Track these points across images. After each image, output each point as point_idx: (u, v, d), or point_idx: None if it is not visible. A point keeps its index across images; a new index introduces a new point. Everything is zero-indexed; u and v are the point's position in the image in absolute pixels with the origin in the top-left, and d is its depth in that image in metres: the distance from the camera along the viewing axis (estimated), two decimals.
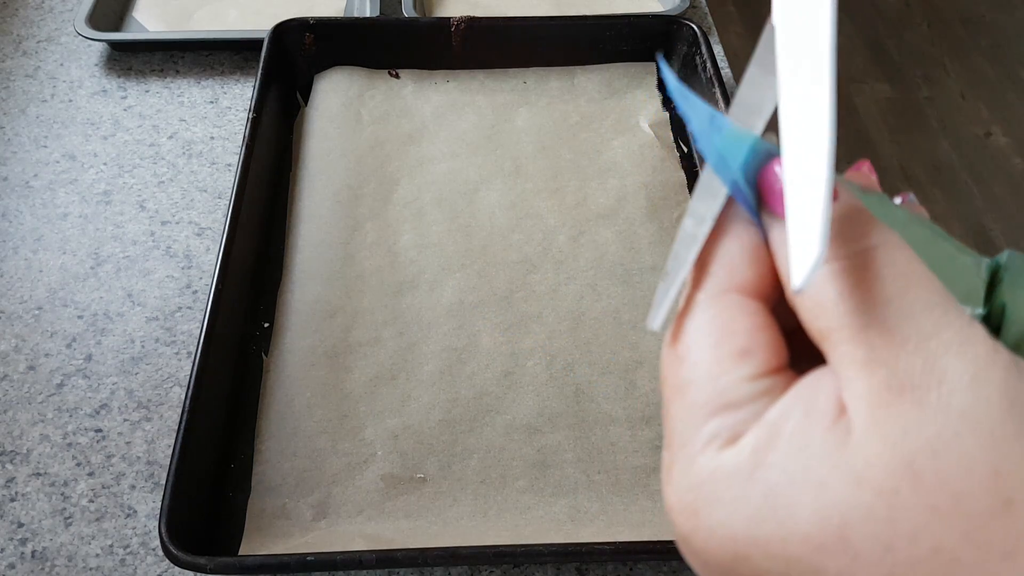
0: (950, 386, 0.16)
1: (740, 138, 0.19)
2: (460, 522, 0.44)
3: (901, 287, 0.17)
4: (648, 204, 0.59)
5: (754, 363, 0.18)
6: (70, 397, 0.50)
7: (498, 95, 0.67)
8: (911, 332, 0.17)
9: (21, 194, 0.61)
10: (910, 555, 0.16)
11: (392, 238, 0.57)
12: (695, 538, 0.18)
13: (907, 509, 0.16)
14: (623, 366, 0.50)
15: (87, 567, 0.43)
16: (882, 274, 0.18)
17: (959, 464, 0.16)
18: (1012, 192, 1.69)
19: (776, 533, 0.17)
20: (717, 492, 0.18)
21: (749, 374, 0.18)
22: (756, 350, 0.19)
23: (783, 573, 0.17)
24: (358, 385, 0.49)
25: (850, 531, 0.16)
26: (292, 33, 0.66)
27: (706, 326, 0.19)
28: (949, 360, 0.16)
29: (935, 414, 0.16)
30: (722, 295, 0.19)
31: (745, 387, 0.18)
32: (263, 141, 0.59)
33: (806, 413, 0.17)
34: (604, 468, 0.46)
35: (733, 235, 0.20)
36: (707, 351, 0.19)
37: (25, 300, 0.54)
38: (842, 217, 0.18)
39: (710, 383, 0.19)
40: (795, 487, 0.17)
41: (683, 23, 0.67)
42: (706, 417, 0.18)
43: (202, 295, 0.55)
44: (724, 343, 0.19)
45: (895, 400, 0.16)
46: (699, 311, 0.20)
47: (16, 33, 0.74)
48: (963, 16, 2.09)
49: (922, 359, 0.16)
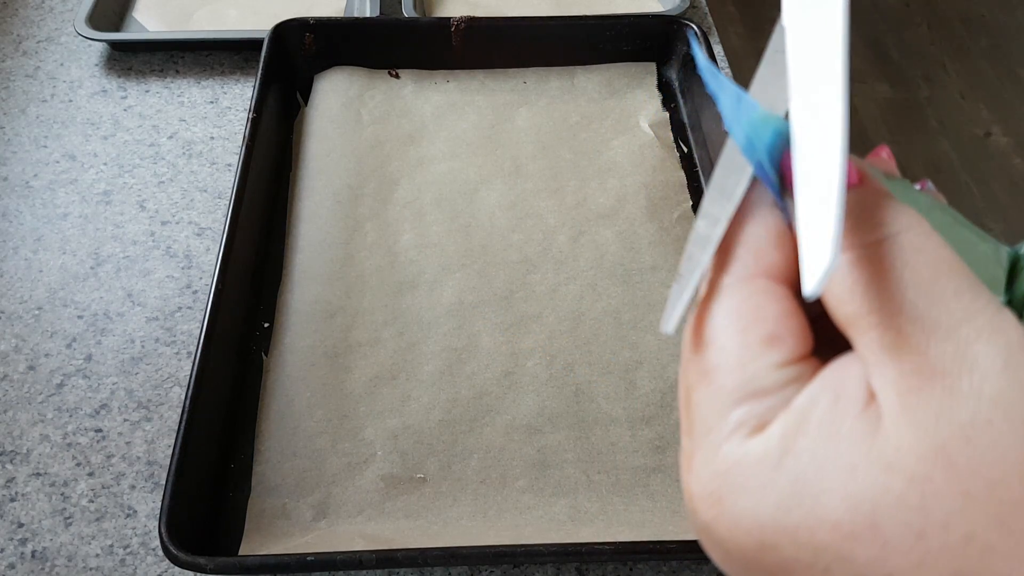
0: (982, 372, 0.16)
1: (766, 120, 0.19)
2: (460, 522, 0.44)
3: (931, 273, 0.17)
4: (648, 204, 0.59)
5: (783, 350, 0.18)
6: (70, 397, 0.50)
7: (498, 95, 0.67)
8: (942, 318, 0.17)
9: (21, 194, 0.61)
10: (942, 542, 0.16)
11: (392, 238, 0.57)
12: (718, 526, 0.18)
13: (939, 496, 0.16)
14: (623, 366, 0.50)
15: (87, 567, 0.43)
16: (911, 259, 0.17)
17: (993, 451, 0.15)
18: (1012, 192, 1.69)
19: (805, 520, 0.17)
20: (743, 480, 0.18)
21: (777, 361, 0.18)
22: (785, 337, 0.18)
23: (811, 561, 0.17)
24: (358, 385, 0.49)
25: (881, 518, 0.16)
26: (292, 33, 0.66)
27: (734, 311, 0.19)
28: (981, 346, 0.16)
29: (967, 400, 0.16)
30: (750, 280, 0.19)
31: (773, 374, 0.18)
32: (263, 141, 0.59)
33: (835, 400, 0.17)
34: (604, 468, 0.46)
35: (759, 218, 0.19)
36: (735, 337, 0.19)
37: (25, 300, 0.54)
38: (869, 202, 0.18)
39: (738, 370, 0.18)
40: (824, 474, 0.17)
41: (683, 23, 0.67)
42: (733, 404, 0.18)
43: (202, 295, 0.55)
44: (752, 329, 0.18)
45: (926, 386, 0.16)
46: (726, 296, 0.19)
47: (16, 33, 0.74)
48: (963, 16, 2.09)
49: (953, 345, 0.16)
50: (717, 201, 0.20)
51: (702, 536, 0.19)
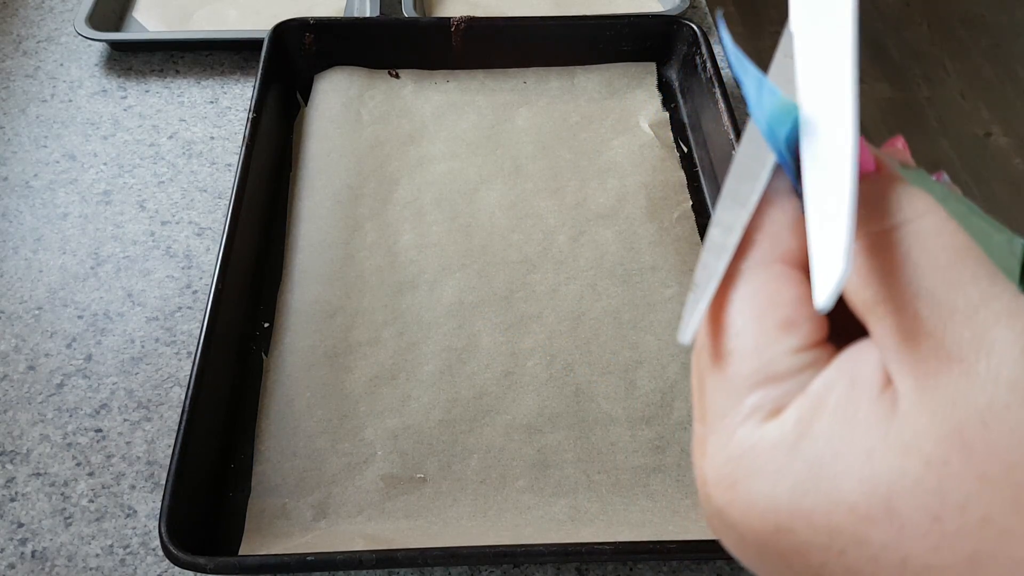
0: (999, 357, 0.16)
1: (787, 108, 0.19)
2: (460, 522, 0.44)
3: (948, 258, 0.17)
4: (648, 204, 0.59)
5: (799, 335, 0.18)
6: (70, 397, 0.50)
7: (498, 95, 0.67)
8: (959, 302, 0.17)
9: (21, 194, 0.61)
10: (959, 525, 0.16)
11: (392, 238, 0.57)
12: (732, 510, 0.18)
13: (956, 479, 0.16)
14: (623, 366, 0.50)
15: (87, 567, 0.43)
16: (928, 245, 0.17)
17: (1011, 435, 0.15)
18: (1012, 192, 1.69)
19: (821, 503, 0.17)
20: (758, 464, 0.18)
21: (794, 346, 0.18)
22: (801, 322, 0.18)
23: (826, 544, 0.17)
24: (358, 385, 0.49)
25: (897, 501, 0.16)
26: (292, 33, 0.66)
27: (751, 297, 0.19)
28: (999, 331, 0.16)
29: (984, 384, 0.16)
30: (767, 265, 0.19)
31: (789, 359, 0.18)
32: (263, 141, 0.59)
33: (851, 384, 0.17)
34: (604, 468, 0.46)
35: (777, 205, 0.20)
36: (752, 322, 0.19)
37: (25, 300, 0.54)
38: (885, 188, 0.18)
39: (755, 355, 0.18)
40: (840, 457, 0.17)
41: (683, 23, 0.67)
42: (749, 389, 0.18)
43: (202, 295, 0.55)
44: (769, 314, 0.19)
45: (943, 370, 0.16)
46: (743, 281, 0.19)
47: (16, 33, 0.74)
48: (963, 16, 2.09)
49: (970, 330, 0.16)
50: (731, 209, 0.20)
51: (715, 522, 0.19)
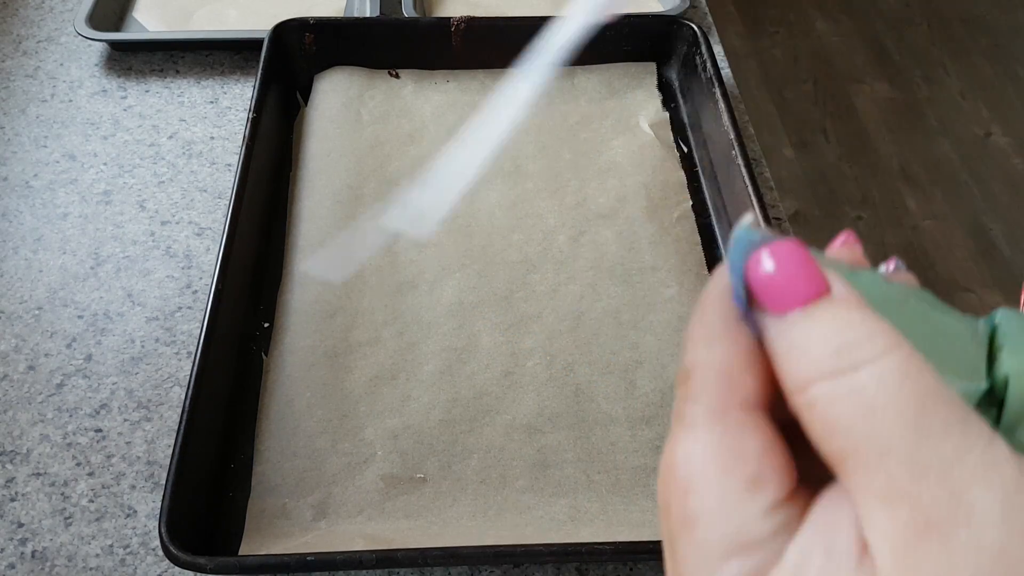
0: (979, 521, 0.15)
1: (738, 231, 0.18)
2: (460, 522, 0.44)
3: (918, 405, 0.16)
4: (648, 204, 0.59)
5: (768, 492, 0.17)
6: (70, 397, 0.50)
7: None
8: (932, 459, 0.16)
9: (21, 194, 0.61)
10: None
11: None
12: None
13: None
14: (623, 366, 0.50)
15: (87, 567, 0.43)
16: (894, 393, 0.16)
17: None
18: (1012, 192, 1.69)
19: None
20: None
21: (764, 507, 0.17)
22: (768, 476, 0.17)
23: None
24: (358, 385, 0.49)
25: None
26: (292, 33, 0.66)
27: (711, 450, 0.18)
28: (977, 491, 0.15)
29: (966, 554, 0.15)
30: (725, 413, 0.18)
31: (761, 524, 0.17)
32: (263, 141, 0.59)
33: (827, 555, 0.17)
34: (604, 468, 0.46)
35: (727, 339, 0.18)
36: (715, 481, 0.18)
37: (25, 300, 0.54)
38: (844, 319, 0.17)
39: (723, 520, 0.17)
40: None
41: (683, 23, 0.67)
42: (721, 559, 0.17)
43: (202, 295, 0.55)
44: (734, 471, 0.18)
45: (921, 540, 0.15)
46: (701, 431, 0.18)
47: (16, 33, 0.74)
48: (963, 16, 2.09)
49: (947, 491, 0.15)
50: None
51: None
